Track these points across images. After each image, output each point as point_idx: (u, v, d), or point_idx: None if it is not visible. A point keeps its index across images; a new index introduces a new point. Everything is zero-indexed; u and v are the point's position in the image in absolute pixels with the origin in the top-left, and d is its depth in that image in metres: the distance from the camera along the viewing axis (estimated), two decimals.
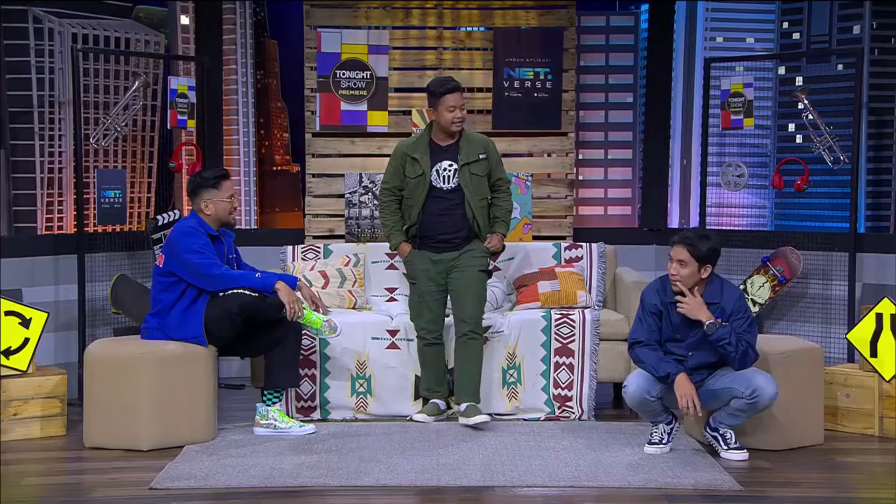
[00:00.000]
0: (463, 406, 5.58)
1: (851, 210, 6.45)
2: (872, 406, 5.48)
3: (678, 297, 5.00)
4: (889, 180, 7.22)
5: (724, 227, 7.11)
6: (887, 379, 5.41)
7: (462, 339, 5.61)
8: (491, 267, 5.89)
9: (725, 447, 5.06)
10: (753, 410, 4.97)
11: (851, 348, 5.80)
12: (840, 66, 7.28)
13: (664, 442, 5.12)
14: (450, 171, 5.64)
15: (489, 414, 5.65)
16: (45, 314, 5.56)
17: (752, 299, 6.63)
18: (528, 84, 6.99)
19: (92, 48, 6.64)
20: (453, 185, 5.65)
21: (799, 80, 7.28)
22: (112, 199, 6.42)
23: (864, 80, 6.64)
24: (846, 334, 5.86)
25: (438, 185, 5.66)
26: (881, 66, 7.17)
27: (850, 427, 5.57)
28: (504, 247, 5.90)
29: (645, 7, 7.51)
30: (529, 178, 6.97)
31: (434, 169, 5.65)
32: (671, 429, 5.14)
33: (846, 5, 7.24)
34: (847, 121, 6.62)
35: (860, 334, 5.58)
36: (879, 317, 5.43)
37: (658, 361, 5.01)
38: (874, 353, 5.45)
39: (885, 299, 5.46)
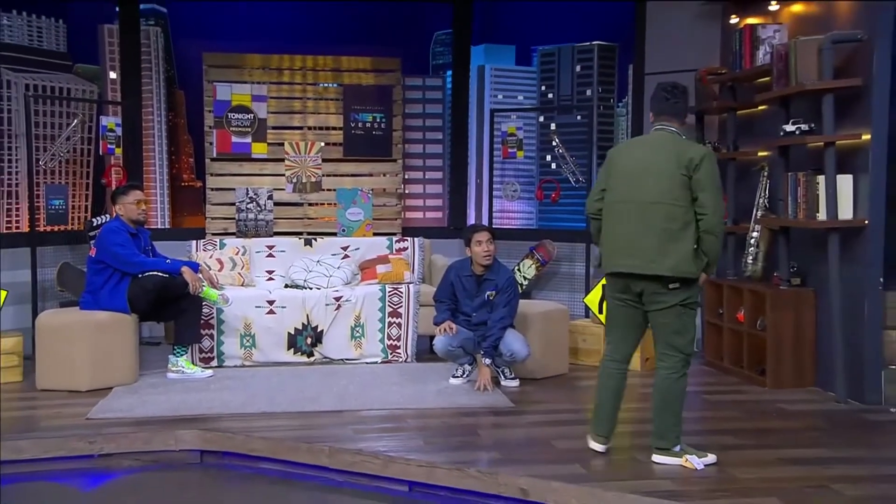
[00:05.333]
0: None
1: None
2: (600, 347, 5.49)
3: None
4: None
5: (504, 227, 7.24)
6: None
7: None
8: None
9: (504, 378, 5.18)
10: (514, 363, 5.08)
11: (587, 308, 5.96)
12: (579, 117, 7.41)
13: (464, 376, 5.19)
14: None
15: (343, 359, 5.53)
16: (5, 292, 5.41)
17: (523, 276, 6.73)
18: (368, 125, 6.96)
19: (41, 95, 6.45)
20: None
21: (552, 126, 7.40)
22: (57, 207, 6.27)
23: (594, 127, 6.82)
24: (583, 299, 6.03)
25: None
26: (605, 117, 7.43)
27: (586, 361, 5.67)
28: None
29: (449, 73, 7.53)
30: (370, 192, 6.94)
31: None
32: (471, 368, 5.21)
33: (583, 75, 7.52)
34: (584, 153, 6.83)
35: (592, 298, 5.77)
36: (605, 286, 5.65)
37: (437, 312, 5.11)
38: (601, 311, 5.60)
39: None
